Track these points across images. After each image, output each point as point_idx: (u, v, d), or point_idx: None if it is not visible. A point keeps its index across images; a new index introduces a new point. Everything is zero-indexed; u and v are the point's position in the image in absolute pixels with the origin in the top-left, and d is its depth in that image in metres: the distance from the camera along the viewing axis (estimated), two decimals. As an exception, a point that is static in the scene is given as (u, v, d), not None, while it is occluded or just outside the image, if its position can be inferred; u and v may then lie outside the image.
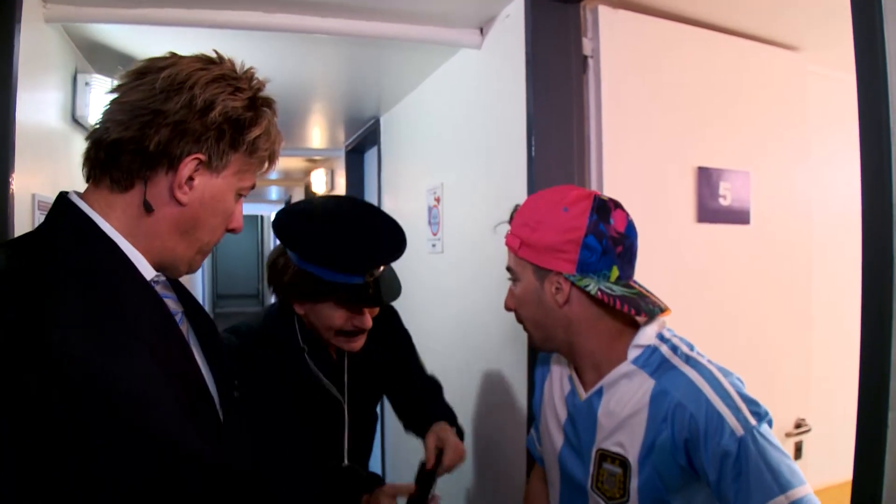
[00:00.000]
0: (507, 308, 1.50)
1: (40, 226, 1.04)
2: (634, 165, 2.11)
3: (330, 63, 2.99)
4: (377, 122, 4.03)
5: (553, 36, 2.02)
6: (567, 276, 1.34)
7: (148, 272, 1.07)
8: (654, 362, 1.33)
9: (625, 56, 2.10)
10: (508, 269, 1.47)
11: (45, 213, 1.97)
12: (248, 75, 1.11)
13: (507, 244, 1.45)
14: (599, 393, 1.39)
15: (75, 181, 2.48)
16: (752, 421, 1.19)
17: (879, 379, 1.10)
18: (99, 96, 2.51)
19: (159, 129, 1.00)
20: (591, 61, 2.07)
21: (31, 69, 1.98)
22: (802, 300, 2.49)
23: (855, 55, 1.14)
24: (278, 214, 1.71)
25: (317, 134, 4.73)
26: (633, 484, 1.30)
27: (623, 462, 1.32)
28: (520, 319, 1.49)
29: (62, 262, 0.96)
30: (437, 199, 2.91)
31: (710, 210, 2.23)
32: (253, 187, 1.17)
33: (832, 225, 2.63)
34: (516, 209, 1.47)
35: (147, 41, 2.45)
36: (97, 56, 2.60)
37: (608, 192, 2.01)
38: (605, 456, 1.36)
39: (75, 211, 1.03)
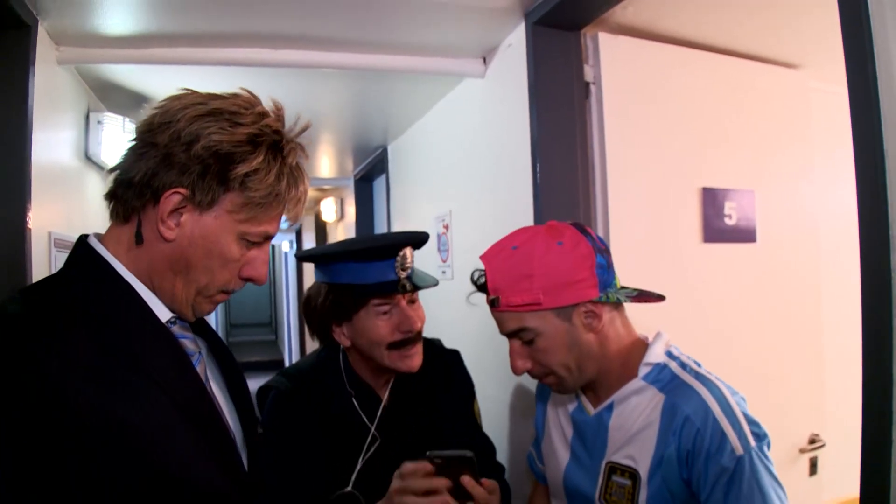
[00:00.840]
0: (522, 370, 1.43)
1: (60, 270, 1.06)
2: (639, 188, 2.12)
3: (337, 95, 3.04)
4: (384, 151, 4.08)
5: (555, 63, 2.05)
6: (596, 300, 1.37)
7: (164, 313, 1.08)
8: (664, 378, 1.37)
9: (626, 81, 2.12)
10: (518, 331, 1.39)
11: (61, 250, 2.05)
12: (259, 112, 1.06)
13: (512, 309, 1.37)
14: (610, 408, 1.42)
15: (89, 218, 2.54)
16: (753, 442, 1.22)
17: (883, 393, 1.11)
18: (111, 134, 2.57)
19: (148, 161, 1.01)
20: (593, 87, 2.10)
21: (45, 109, 2.02)
22: (812, 315, 2.49)
23: (847, 74, 1.17)
24: (298, 252, 1.74)
25: (325, 163, 4.79)
26: (642, 496, 1.32)
27: (633, 474, 1.34)
28: (542, 373, 1.43)
29: (78, 306, 0.98)
30: (446, 227, 2.94)
31: (716, 230, 2.25)
32: (269, 238, 1.12)
33: (839, 240, 2.63)
34: (481, 276, 1.43)
35: (157, 80, 2.51)
36: (109, 95, 2.66)
37: (614, 215, 2.05)
38: (614, 469, 1.38)
39: (93, 255, 1.05)
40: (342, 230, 5.91)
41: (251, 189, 1.03)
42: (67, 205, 2.35)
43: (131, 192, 1.03)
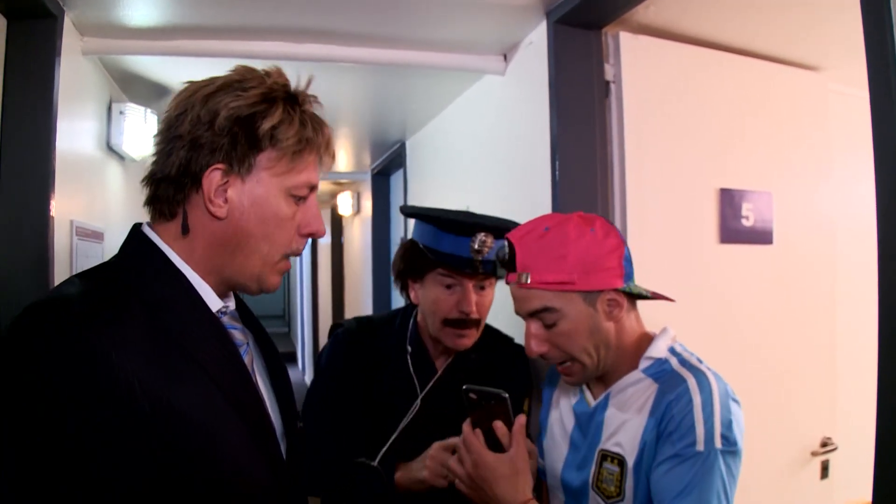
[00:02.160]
0: (537, 352, 1.43)
1: (116, 256, 1.08)
2: (657, 188, 2.12)
3: (357, 90, 3.06)
4: (403, 146, 4.09)
5: (575, 62, 2.06)
6: (620, 289, 1.39)
7: (215, 303, 1.09)
8: (663, 371, 1.39)
9: (646, 80, 2.12)
10: (541, 311, 1.39)
11: (83, 238, 2.08)
12: (261, 73, 1.08)
13: (542, 286, 1.37)
14: (607, 398, 1.45)
15: (110, 208, 2.57)
16: (718, 444, 1.24)
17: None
18: (132, 125, 2.60)
19: (178, 153, 1.03)
20: (613, 86, 2.10)
21: (70, 99, 2.05)
22: (827, 318, 2.48)
23: (868, 77, 1.17)
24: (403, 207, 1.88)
25: (343, 157, 4.81)
26: (629, 482, 1.35)
27: (620, 461, 1.37)
28: (561, 358, 1.43)
29: (133, 292, 0.99)
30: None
31: (733, 231, 2.24)
32: (314, 188, 1.13)
33: (856, 243, 2.62)
34: (508, 254, 1.43)
35: (180, 71, 2.52)
36: (131, 86, 2.69)
37: (632, 214, 2.05)
38: (605, 456, 1.40)
39: (147, 243, 1.07)
40: (358, 224, 5.93)
41: (281, 141, 1.05)
42: (89, 194, 2.39)
43: (171, 187, 1.05)
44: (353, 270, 6.30)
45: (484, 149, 2.75)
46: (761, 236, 2.31)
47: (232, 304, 1.17)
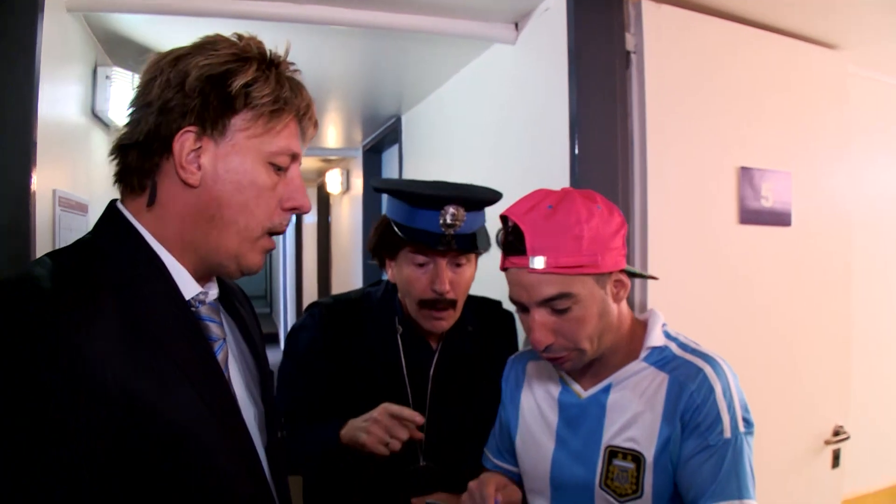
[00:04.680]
0: (545, 344, 1.31)
1: (90, 235, 1.00)
2: (678, 163, 2.04)
3: (349, 58, 2.91)
4: (398, 121, 3.96)
5: (596, 30, 1.95)
6: (624, 269, 1.34)
7: (190, 289, 1.01)
8: (666, 358, 1.35)
9: (668, 52, 2.03)
10: (556, 298, 1.27)
11: (66, 209, 1.95)
12: (235, 36, 1.02)
13: (559, 270, 1.25)
14: (607, 389, 1.38)
15: (94, 177, 2.44)
16: (742, 428, 1.26)
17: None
18: (119, 90, 2.46)
19: (147, 119, 0.96)
20: (633, 57, 2.00)
21: (53, 61, 1.92)
22: (842, 305, 2.42)
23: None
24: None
25: (332, 133, 4.66)
26: (648, 479, 1.30)
27: (636, 457, 1.31)
28: (565, 348, 1.32)
29: (107, 277, 0.92)
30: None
31: (752, 211, 2.16)
32: (296, 157, 1.06)
33: (873, 228, 2.58)
34: (512, 234, 1.30)
35: (168, 32, 2.37)
36: (117, 48, 2.54)
37: (652, 192, 1.97)
38: (615, 452, 1.34)
39: (123, 222, 0.98)
40: (347, 202, 5.81)
41: (256, 99, 0.98)
42: (73, 163, 2.26)
43: (140, 155, 0.97)
44: (341, 251, 6.19)
45: (491, 123, 2.62)
46: (780, 217, 2.24)
47: (213, 291, 1.08)
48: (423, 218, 1.59)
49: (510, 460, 1.59)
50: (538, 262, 1.25)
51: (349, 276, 5.53)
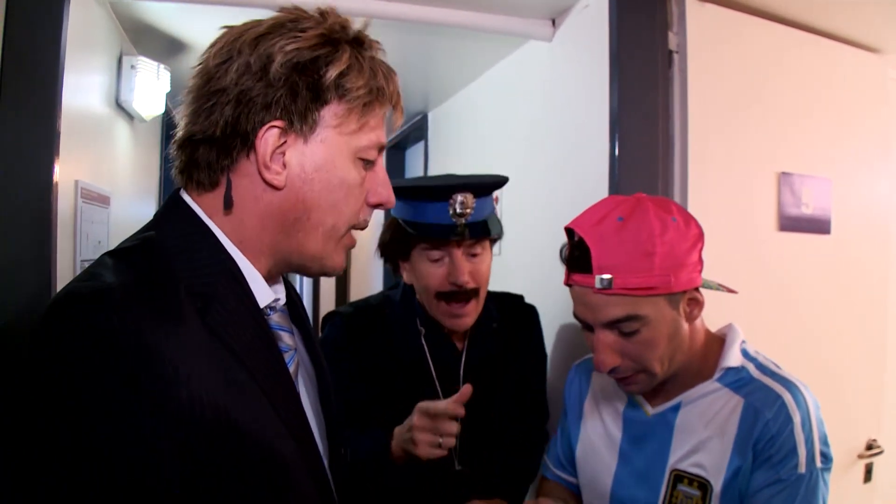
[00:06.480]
0: (611, 366, 1.23)
1: (153, 230, 0.89)
2: (718, 167, 1.97)
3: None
4: (424, 118, 3.87)
5: (638, 29, 1.88)
6: (700, 287, 1.24)
7: (265, 296, 0.93)
8: (742, 381, 1.24)
9: (711, 52, 1.96)
10: (624, 320, 1.19)
11: (88, 201, 1.90)
12: (318, 12, 0.91)
13: (628, 292, 1.16)
14: (676, 408, 1.29)
15: (117, 171, 2.40)
16: (819, 464, 1.17)
17: None
18: (144, 81, 2.41)
19: (223, 110, 0.85)
20: (676, 56, 1.94)
21: (77, 49, 1.87)
22: (879, 317, 2.36)
23: None
24: None
25: (353, 129, 4.58)
26: None
27: (702, 484, 1.23)
28: (633, 370, 1.25)
29: (183, 280, 0.83)
30: (496, 199, 2.77)
31: (792, 218, 2.10)
32: (382, 148, 0.96)
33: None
34: (578, 249, 1.21)
35: (196, 23, 2.34)
36: (143, 38, 2.49)
37: (692, 196, 1.91)
38: (680, 477, 1.26)
39: (193, 218, 0.90)
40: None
41: (350, 91, 0.89)
42: (96, 154, 2.20)
43: (215, 150, 0.87)
44: (361, 252, 6.11)
45: (525, 121, 2.55)
46: (819, 225, 2.17)
47: (282, 296, 1.00)
48: (433, 211, 1.55)
49: (570, 471, 1.53)
50: (606, 282, 1.16)
51: (368, 279, 5.46)
